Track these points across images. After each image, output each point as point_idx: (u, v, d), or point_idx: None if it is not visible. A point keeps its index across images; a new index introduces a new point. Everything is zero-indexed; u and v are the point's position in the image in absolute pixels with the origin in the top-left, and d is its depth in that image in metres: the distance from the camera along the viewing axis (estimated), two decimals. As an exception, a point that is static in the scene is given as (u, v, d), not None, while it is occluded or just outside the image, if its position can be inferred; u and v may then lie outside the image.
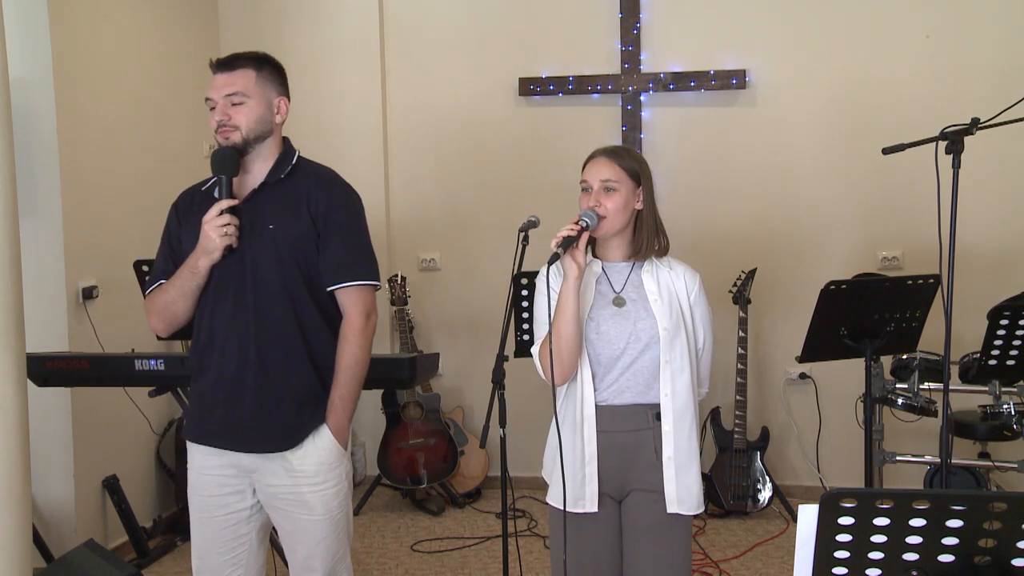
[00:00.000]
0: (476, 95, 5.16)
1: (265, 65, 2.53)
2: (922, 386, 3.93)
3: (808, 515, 1.53)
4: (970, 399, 4.17)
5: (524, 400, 4.04)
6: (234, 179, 2.50)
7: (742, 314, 4.66)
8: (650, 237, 2.55)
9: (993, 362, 3.45)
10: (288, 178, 2.53)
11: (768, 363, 5.03)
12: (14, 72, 3.19)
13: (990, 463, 4.14)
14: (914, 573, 1.54)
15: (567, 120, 5.09)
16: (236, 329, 2.47)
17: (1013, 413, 3.77)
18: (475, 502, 5.05)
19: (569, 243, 2.39)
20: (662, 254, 2.58)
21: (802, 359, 3.64)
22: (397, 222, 5.24)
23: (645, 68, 5.00)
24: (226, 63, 2.50)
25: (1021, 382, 3.75)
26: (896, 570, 1.54)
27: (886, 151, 2.89)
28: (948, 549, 1.52)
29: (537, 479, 2.74)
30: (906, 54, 4.82)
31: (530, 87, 5.07)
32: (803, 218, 4.96)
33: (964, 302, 3.69)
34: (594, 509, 2.48)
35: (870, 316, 3.48)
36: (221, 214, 2.42)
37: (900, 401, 3.95)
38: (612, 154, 2.54)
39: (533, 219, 3.09)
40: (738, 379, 4.66)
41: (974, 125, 2.70)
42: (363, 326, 2.52)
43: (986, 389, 3.80)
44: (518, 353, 3.65)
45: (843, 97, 4.88)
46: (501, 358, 3.04)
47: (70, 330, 4.01)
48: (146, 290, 2.62)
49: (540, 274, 2.59)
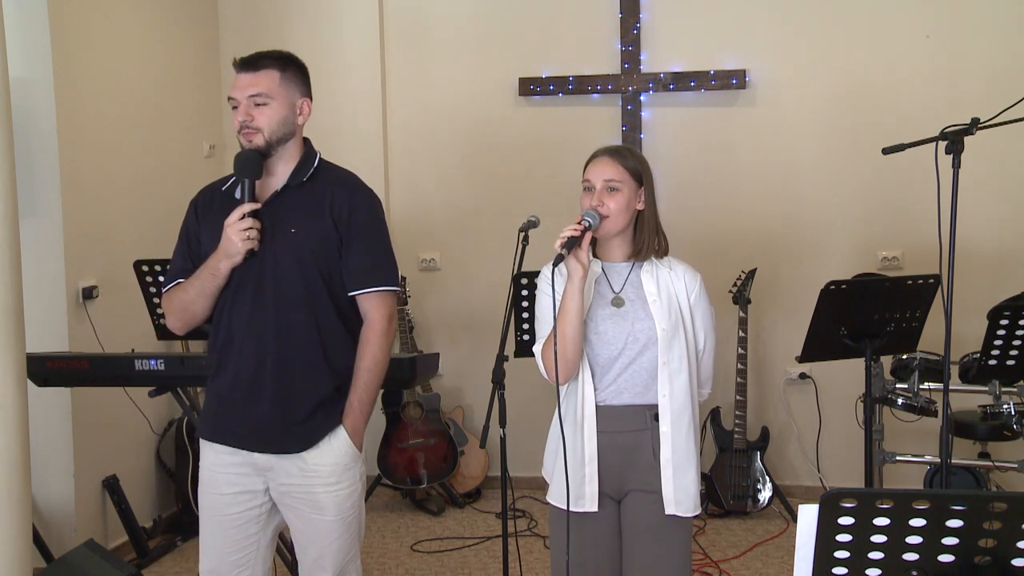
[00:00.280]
0: (476, 95, 5.16)
1: (289, 65, 2.51)
2: (922, 386, 3.93)
3: (808, 515, 1.53)
4: (970, 399, 4.16)
5: (524, 400, 4.04)
6: (256, 181, 2.49)
7: (742, 314, 4.66)
8: (651, 237, 2.55)
9: (993, 362, 3.45)
10: (310, 181, 2.52)
11: (768, 363, 5.03)
12: (14, 72, 3.19)
13: (990, 463, 4.14)
14: (914, 573, 1.54)
15: (567, 120, 5.09)
16: (255, 330, 2.47)
17: (1013, 413, 3.77)
18: (475, 502, 5.04)
19: (573, 243, 2.39)
20: (662, 254, 2.58)
21: (802, 359, 3.64)
22: (397, 222, 5.23)
23: (645, 68, 4.99)
24: (250, 63, 2.47)
25: (1021, 382, 3.75)
26: (896, 570, 1.54)
27: (886, 151, 2.89)
28: (948, 549, 1.52)
29: (537, 479, 2.74)
30: (906, 54, 4.82)
31: (530, 87, 5.07)
32: (803, 218, 4.96)
33: (964, 302, 3.69)
34: (594, 509, 2.48)
35: (870, 316, 3.48)
36: (243, 218, 2.42)
37: (900, 401, 3.95)
38: (615, 154, 2.54)
39: (533, 219, 3.08)
40: (738, 379, 4.66)
41: (974, 125, 2.70)
42: (385, 330, 2.53)
43: (986, 389, 3.80)
44: (518, 353, 3.65)
45: (843, 97, 4.88)
46: (501, 358, 3.04)
47: (70, 330, 4.01)
48: (163, 288, 2.61)
49: (542, 274, 2.59)
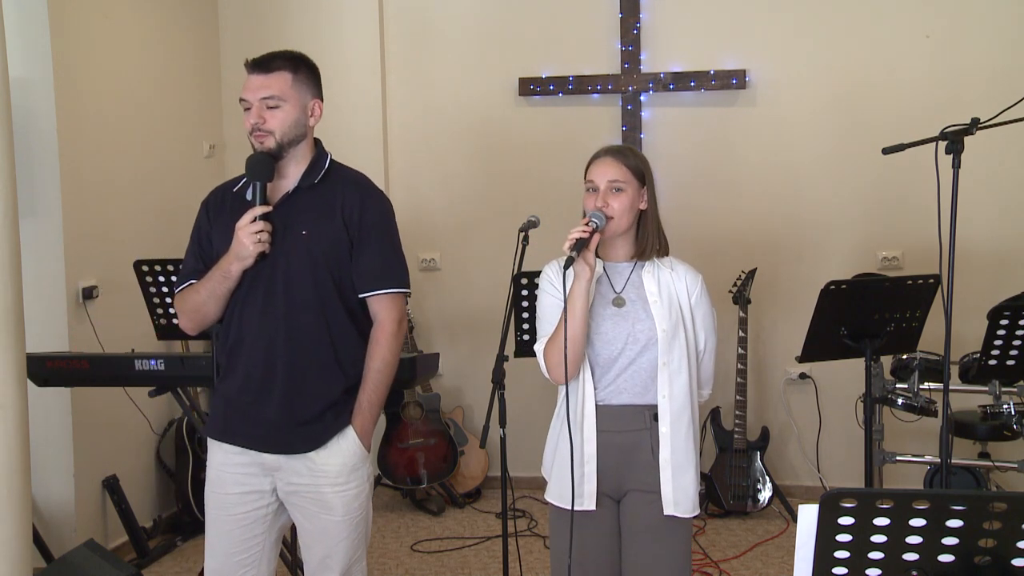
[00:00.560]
0: (476, 95, 5.16)
1: (301, 67, 2.50)
2: (922, 386, 3.93)
3: (808, 515, 1.53)
4: (970, 399, 4.16)
5: (524, 400, 4.05)
6: (268, 183, 2.49)
7: (742, 314, 4.66)
8: (653, 237, 2.55)
9: (993, 362, 3.45)
10: (321, 183, 2.52)
11: (768, 363, 5.03)
12: (14, 72, 3.19)
13: (990, 463, 4.14)
14: (914, 573, 1.54)
15: (567, 120, 5.09)
16: (265, 332, 2.47)
17: (1013, 413, 3.77)
18: (475, 502, 5.04)
19: (582, 245, 2.38)
20: (662, 254, 2.58)
21: (802, 359, 3.63)
22: (397, 222, 5.22)
23: (645, 68, 4.99)
24: (262, 64, 2.46)
25: (1021, 382, 3.76)
26: (896, 570, 1.54)
27: (886, 151, 2.89)
28: (948, 549, 1.52)
29: (537, 479, 2.74)
30: (906, 54, 4.82)
31: (530, 87, 5.07)
32: (803, 218, 4.96)
33: (964, 302, 3.69)
34: (592, 507, 2.48)
35: (870, 316, 3.48)
36: (254, 220, 2.42)
37: (900, 401, 3.95)
38: (618, 154, 2.54)
39: (533, 219, 3.08)
40: (738, 379, 4.66)
41: (974, 125, 2.70)
42: (395, 331, 2.56)
43: (986, 389, 3.80)
44: (518, 353, 3.65)
45: (843, 97, 4.88)
46: (501, 358, 3.04)
47: (70, 330, 4.01)
48: (175, 289, 2.62)
49: (543, 273, 2.59)
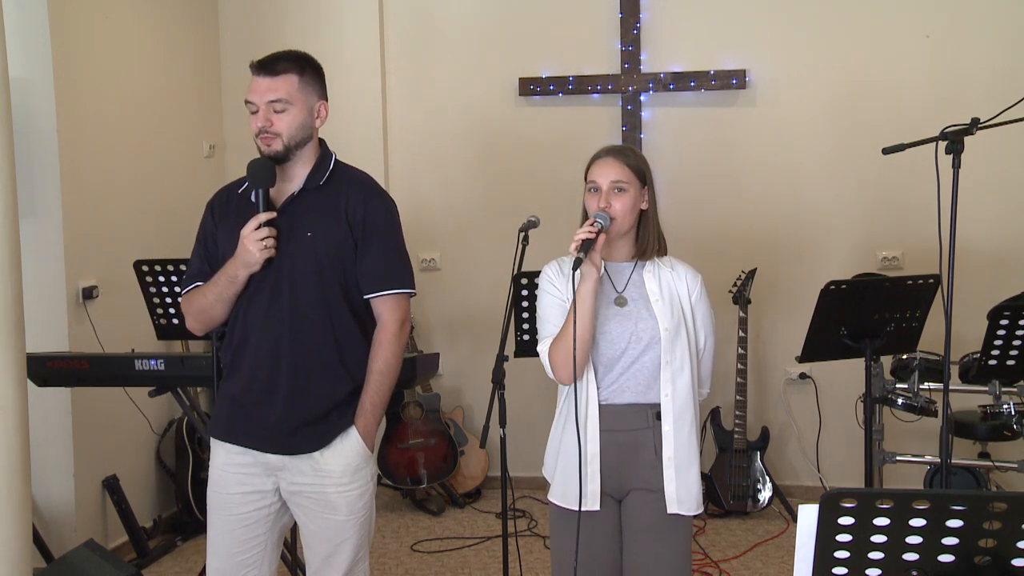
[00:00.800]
0: (476, 95, 5.16)
1: (307, 69, 2.49)
2: (922, 386, 3.93)
3: (808, 515, 1.53)
4: (970, 399, 4.16)
5: (524, 400, 4.05)
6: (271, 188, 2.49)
7: (742, 314, 4.65)
8: (653, 237, 2.55)
9: (993, 362, 3.45)
10: (327, 184, 2.52)
11: (768, 363, 5.03)
12: (14, 72, 3.19)
13: (990, 463, 4.14)
14: (914, 573, 1.54)
15: (567, 120, 5.09)
16: (270, 333, 2.47)
17: (1013, 413, 3.77)
18: (475, 502, 5.04)
19: (588, 245, 2.38)
20: (661, 253, 2.59)
21: (802, 359, 3.63)
22: (398, 222, 5.23)
23: (645, 68, 4.99)
24: (269, 67, 2.44)
25: (1021, 382, 3.76)
26: (896, 570, 1.54)
27: (886, 151, 2.89)
28: (948, 549, 1.52)
29: (537, 479, 2.75)
30: (906, 54, 4.82)
31: (530, 87, 5.07)
32: (803, 218, 4.96)
33: (964, 302, 3.69)
34: (595, 507, 2.48)
35: (870, 316, 3.48)
36: (259, 227, 2.42)
37: (900, 401, 3.95)
38: (620, 154, 2.54)
39: (533, 219, 3.08)
40: (738, 379, 4.66)
41: (974, 125, 2.70)
42: (398, 332, 2.54)
43: (986, 389, 3.80)
44: (518, 353, 3.65)
45: (843, 97, 4.88)
46: (501, 358, 3.04)
47: (70, 330, 4.01)
48: (182, 290, 2.62)
49: (543, 274, 2.59)
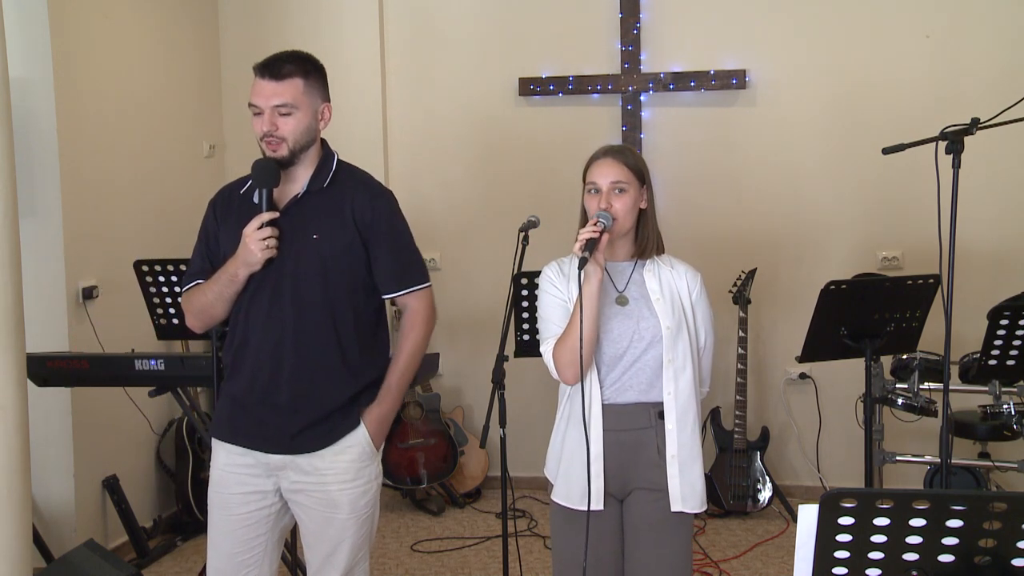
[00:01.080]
0: (476, 95, 5.16)
1: (312, 72, 2.48)
2: (922, 386, 3.93)
3: (808, 515, 1.53)
4: (970, 399, 4.16)
5: (524, 400, 4.05)
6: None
7: (742, 314, 4.65)
8: (653, 236, 2.56)
9: (993, 362, 3.45)
10: (330, 186, 2.51)
11: (768, 363, 5.03)
12: (14, 72, 3.18)
13: (990, 463, 4.14)
14: (914, 573, 1.54)
15: (567, 120, 5.09)
16: (272, 333, 2.47)
17: (1013, 413, 3.77)
18: (475, 502, 5.04)
19: (593, 245, 2.38)
20: (660, 252, 2.59)
21: (802, 359, 3.63)
22: (397, 222, 5.23)
23: (645, 68, 4.99)
24: (274, 70, 2.42)
25: (1021, 382, 3.76)
26: (896, 570, 1.54)
27: (886, 151, 2.89)
28: (948, 549, 1.52)
29: (537, 479, 2.75)
30: (906, 54, 4.81)
31: (530, 87, 5.07)
32: (803, 218, 4.96)
33: (964, 302, 3.69)
34: (599, 507, 2.48)
35: (870, 316, 3.48)
36: (262, 227, 2.41)
37: (900, 401, 3.95)
38: (619, 154, 2.54)
39: (533, 219, 3.08)
40: (738, 379, 4.66)
41: (974, 125, 2.70)
42: (427, 318, 2.58)
43: (986, 389, 3.80)
44: (518, 353, 3.65)
45: (843, 97, 4.88)
46: (501, 358, 3.04)
47: (70, 330, 4.01)
48: (183, 288, 2.61)
49: (543, 275, 2.60)
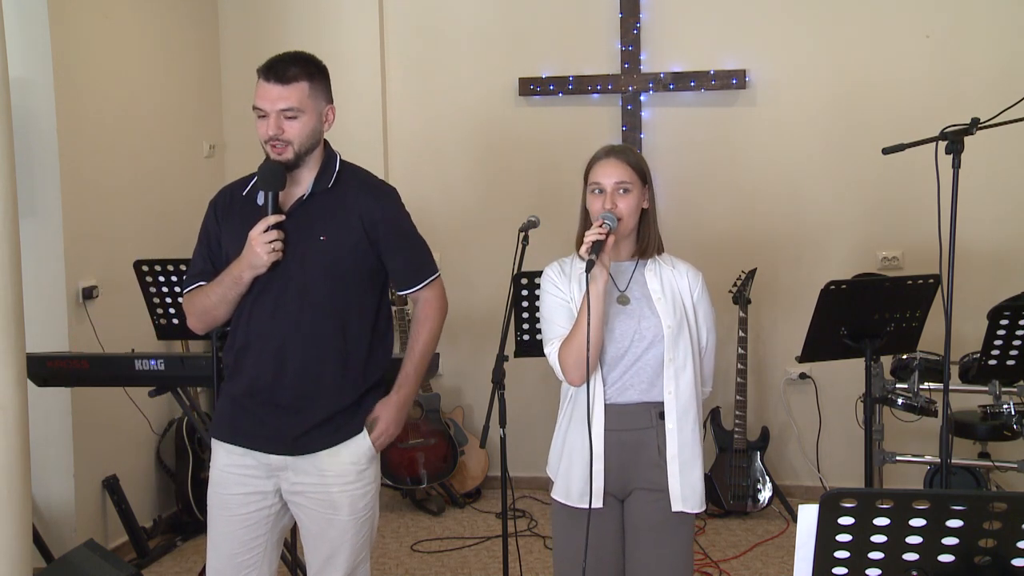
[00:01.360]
0: (476, 95, 5.16)
1: (316, 74, 2.47)
2: (922, 386, 3.93)
3: (808, 515, 1.53)
4: (970, 399, 4.16)
5: (524, 400, 4.05)
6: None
7: (742, 314, 4.65)
8: (654, 235, 2.57)
9: (993, 362, 3.45)
10: (335, 187, 2.51)
11: (768, 363, 5.03)
12: (14, 72, 3.18)
13: (990, 463, 4.14)
14: (914, 573, 1.54)
15: (567, 120, 5.09)
16: (275, 335, 2.46)
17: (1013, 413, 3.77)
18: (475, 502, 5.04)
19: (599, 247, 2.38)
20: (660, 251, 2.60)
21: (802, 359, 3.63)
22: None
23: (645, 68, 4.99)
24: (279, 74, 2.41)
25: (1021, 382, 3.75)
26: (896, 570, 1.54)
27: (886, 151, 2.89)
28: (948, 549, 1.52)
29: (537, 479, 2.75)
30: (906, 54, 4.81)
31: (530, 87, 5.07)
32: (803, 218, 4.96)
33: (964, 302, 3.69)
34: (599, 506, 2.48)
35: (870, 316, 3.48)
36: (268, 230, 2.41)
37: (900, 401, 3.95)
38: (621, 154, 2.54)
39: (533, 219, 3.08)
40: (738, 379, 4.66)
41: (974, 125, 2.70)
42: (442, 305, 2.65)
43: (986, 389, 3.80)
44: (518, 353, 3.65)
45: (843, 97, 4.88)
46: (501, 358, 3.04)
47: (70, 330, 4.01)
48: (184, 289, 2.61)
49: (545, 275, 2.60)
